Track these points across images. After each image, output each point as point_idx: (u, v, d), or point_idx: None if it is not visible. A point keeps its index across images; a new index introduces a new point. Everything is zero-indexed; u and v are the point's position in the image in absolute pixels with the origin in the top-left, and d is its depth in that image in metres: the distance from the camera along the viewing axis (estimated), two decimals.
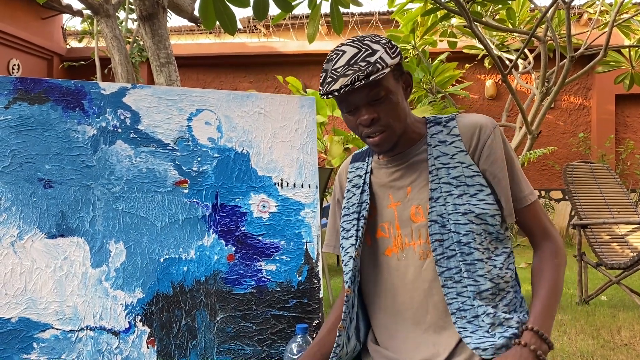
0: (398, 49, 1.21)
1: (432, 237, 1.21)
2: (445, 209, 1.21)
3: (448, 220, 1.20)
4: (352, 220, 1.33)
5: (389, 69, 1.14)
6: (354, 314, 1.32)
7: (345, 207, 1.37)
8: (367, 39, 1.20)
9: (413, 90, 6.46)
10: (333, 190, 1.48)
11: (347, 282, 1.32)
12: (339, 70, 1.16)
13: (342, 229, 1.36)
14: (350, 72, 1.14)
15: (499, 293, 1.21)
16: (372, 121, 1.19)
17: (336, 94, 1.15)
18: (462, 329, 1.17)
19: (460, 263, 1.19)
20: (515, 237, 7.08)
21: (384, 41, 1.20)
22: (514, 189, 1.25)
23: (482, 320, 1.17)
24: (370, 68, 1.13)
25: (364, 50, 1.17)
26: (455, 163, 1.23)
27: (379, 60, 1.15)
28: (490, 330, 1.16)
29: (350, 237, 1.32)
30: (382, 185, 1.32)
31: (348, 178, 1.41)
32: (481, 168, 1.23)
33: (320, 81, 1.22)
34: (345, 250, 1.33)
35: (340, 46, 1.21)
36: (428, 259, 1.23)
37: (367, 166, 1.37)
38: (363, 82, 1.13)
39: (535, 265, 1.26)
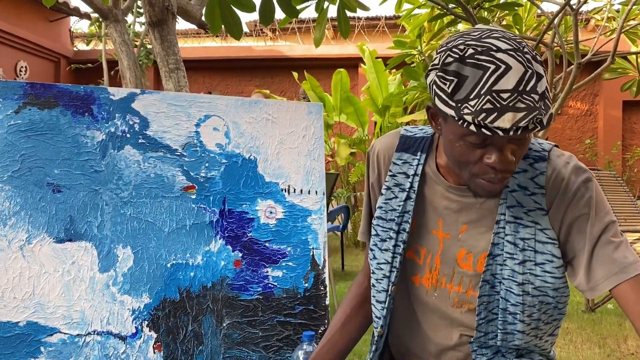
0: None
1: (480, 300, 1.06)
2: (501, 270, 1.05)
3: (500, 283, 1.05)
4: (389, 230, 1.16)
5: (553, 110, 0.92)
6: (381, 344, 1.22)
7: (382, 207, 1.19)
8: (526, 48, 0.89)
9: (416, 94, 6.47)
10: (366, 169, 1.28)
11: (379, 313, 1.17)
12: (504, 96, 0.84)
13: (375, 232, 1.20)
14: (521, 105, 0.84)
15: (528, 355, 1.10)
16: (508, 165, 0.93)
17: (500, 133, 0.85)
18: None
19: (499, 330, 1.06)
20: None
21: (539, 58, 0.90)
22: (612, 256, 0.98)
23: (503, 356, 1.09)
24: (543, 107, 0.86)
25: (530, 71, 0.86)
26: (529, 222, 1.03)
27: (546, 92, 0.87)
28: None
29: (385, 250, 1.16)
30: (433, 205, 1.13)
31: (391, 171, 1.19)
32: (561, 237, 1.03)
33: (455, 90, 0.88)
34: (379, 264, 1.18)
35: (495, 50, 0.86)
36: (462, 309, 1.11)
37: (419, 166, 1.15)
38: (539, 127, 0.86)
39: None
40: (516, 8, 4.35)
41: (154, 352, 1.62)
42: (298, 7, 3.10)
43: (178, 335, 1.64)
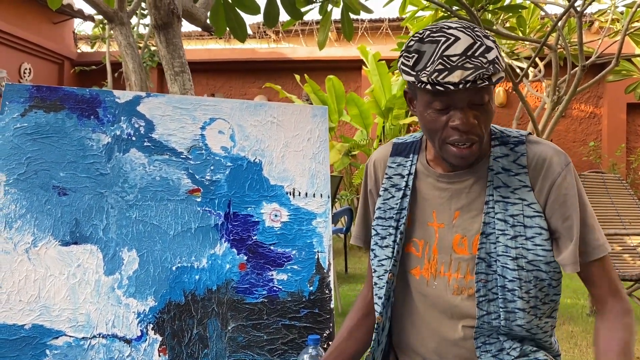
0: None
1: (478, 277, 1.11)
2: (495, 248, 1.10)
3: (496, 261, 1.10)
4: (389, 227, 1.22)
5: (503, 73, 1.02)
6: (382, 337, 1.24)
7: (381, 207, 1.25)
8: (476, 29, 1.04)
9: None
10: (364, 178, 1.36)
11: (379, 308, 1.22)
12: (453, 59, 0.98)
13: (375, 232, 1.26)
14: (469, 65, 0.98)
15: (532, 339, 1.12)
16: (472, 127, 1.04)
17: (451, 87, 0.98)
18: None
19: (501, 309, 1.09)
20: None
21: (492, 39, 1.04)
22: (585, 237, 1.09)
23: (508, 354, 1.10)
24: (491, 67, 0.98)
25: (479, 43, 1.00)
26: (516, 199, 1.10)
27: (496, 59, 1.00)
28: None
29: (386, 247, 1.21)
30: (426, 198, 1.19)
31: (387, 174, 1.27)
32: (547, 212, 1.10)
33: (415, 63, 1.02)
34: (380, 260, 1.23)
35: (446, 28, 1.03)
36: (462, 296, 1.13)
37: (412, 166, 1.23)
38: (486, 82, 0.98)
39: (603, 325, 1.11)
40: (520, 10, 4.35)
41: (159, 355, 1.61)
42: (302, 10, 3.11)
43: (183, 338, 1.64)
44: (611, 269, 1.13)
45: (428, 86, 1.00)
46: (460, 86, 0.97)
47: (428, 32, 1.04)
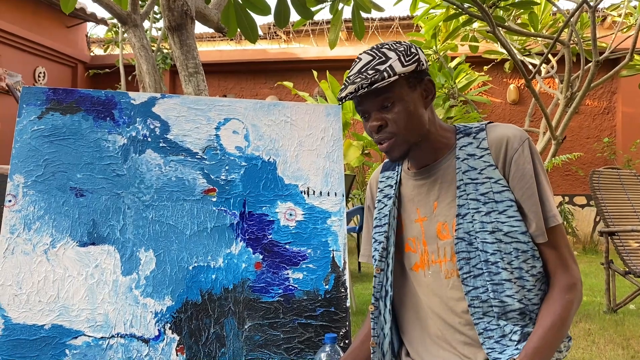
0: (416, 57, 1.19)
1: (459, 255, 1.18)
2: (473, 226, 1.18)
3: (475, 238, 1.17)
4: (383, 232, 1.32)
5: (395, 77, 1.13)
6: (386, 330, 1.30)
7: (376, 217, 1.37)
8: (385, 46, 1.20)
9: None
10: (366, 200, 1.49)
11: (372, 298, 1.31)
12: (351, 77, 1.18)
13: (373, 240, 1.36)
14: (358, 79, 1.16)
15: (528, 314, 1.17)
16: (379, 128, 1.19)
17: (344, 100, 1.18)
18: (490, 350, 1.15)
19: (487, 283, 1.16)
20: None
21: (401, 49, 1.19)
22: (542, 206, 1.17)
23: (510, 339, 1.15)
24: (376, 76, 1.14)
25: (377, 58, 1.17)
26: (484, 178, 1.19)
27: (387, 68, 1.15)
28: (519, 347, 1.13)
29: (383, 249, 1.31)
30: (410, 199, 1.30)
31: (379, 188, 1.40)
32: (510, 184, 1.18)
33: None
34: (379, 261, 1.32)
35: (361, 54, 1.22)
36: (453, 278, 1.21)
37: (397, 175, 1.36)
38: (365, 89, 1.14)
39: (546, 299, 1.16)
40: (532, 6, 4.31)
41: (177, 355, 1.63)
42: (312, 9, 3.11)
43: (200, 337, 1.65)
44: (562, 241, 1.18)
45: (339, 101, 1.21)
46: (347, 98, 1.16)
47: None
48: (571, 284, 1.15)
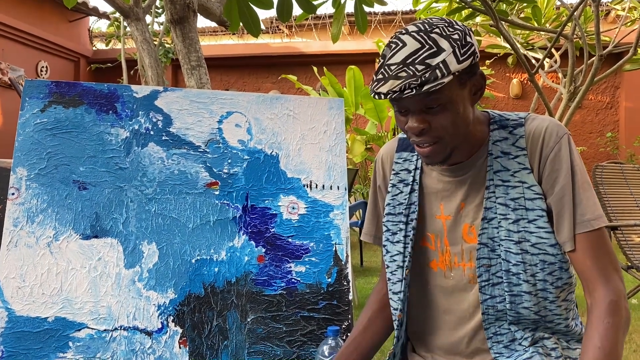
0: (472, 48, 1.00)
1: (479, 262, 1.11)
2: (498, 232, 1.09)
3: (499, 246, 1.09)
4: (399, 223, 1.22)
5: (450, 77, 0.95)
6: (402, 333, 1.24)
7: (390, 203, 1.26)
8: (436, 30, 0.99)
9: None
10: (373, 174, 1.37)
11: (396, 304, 1.22)
12: (392, 68, 0.98)
13: (386, 228, 1.26)
14: (403, 74, 0.97)
15: (545, 325, 1.10)
16: (422, 131, 1.03)
17: (382, 98, 0.99)
18: (498, 355, 1.10)
19: (506, 293, 1.08)
20: None
21: (455, 36, 0.99)
22: (575, 209, 1.04)
23: (520, 344, 1.09)
24: (427, 75, 0.95)
25: (427, 46, 0.97)
26: (516, 182, 1.08)
27: (440, 64, 0.96)
28: (528, 350, 1.09)
29: (397, 242, 1.22)
30: (433, 192, 1.19)
31: (394, 170, 1.27)
32: (543, 187, 1.07)
33: (375, 72, 1.03)
34: (392, 256, 1.24)
35: (402, 33, 1.01)
36: (477, 284, 1.13)
37: (418, 161, 1.23)
38: (414, 91, 0.96)
39: (586, 328, 1.01)
40: (535, 0, 4.30)
41: (180, 347, 1.63)
42: (315, 3, 3.10)
43: (203, 330, 1.66)
44: (603, 248, 1.03)
45: (372, 94, 1.03)
46: (388, 97, 0.98)
47: (390, 38, 1.04)
48: (612, 302, 0.99)
